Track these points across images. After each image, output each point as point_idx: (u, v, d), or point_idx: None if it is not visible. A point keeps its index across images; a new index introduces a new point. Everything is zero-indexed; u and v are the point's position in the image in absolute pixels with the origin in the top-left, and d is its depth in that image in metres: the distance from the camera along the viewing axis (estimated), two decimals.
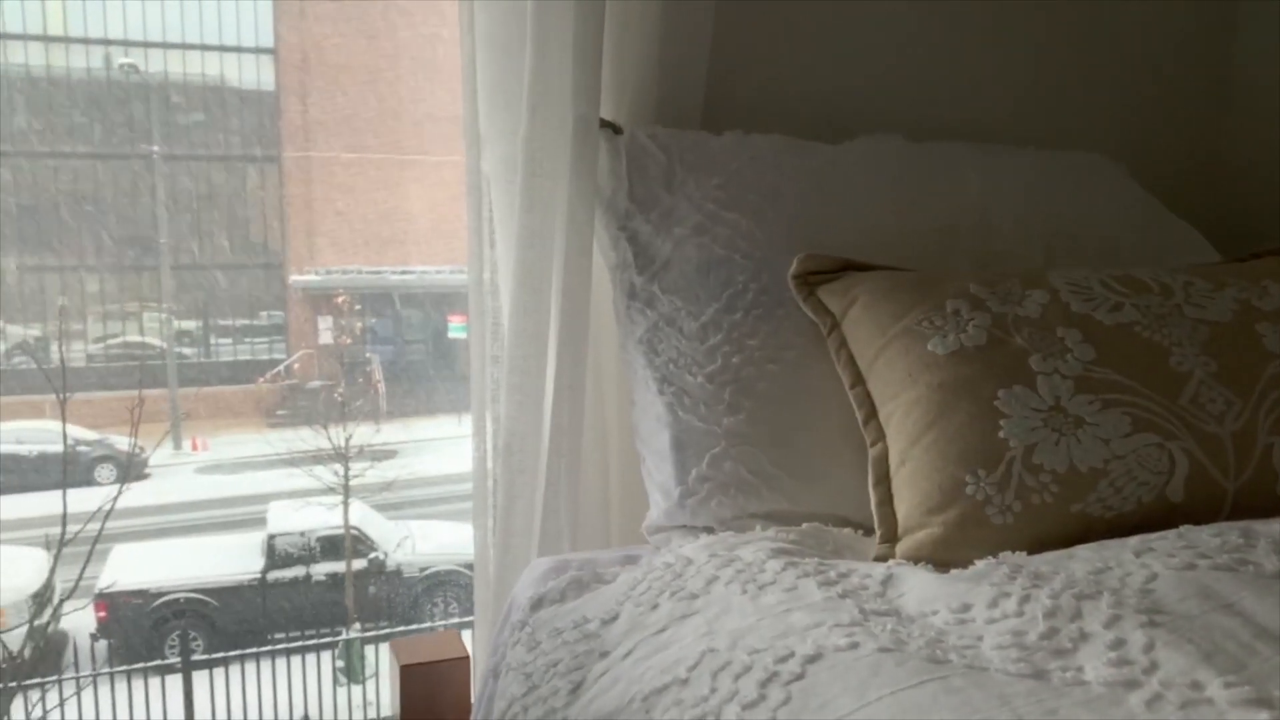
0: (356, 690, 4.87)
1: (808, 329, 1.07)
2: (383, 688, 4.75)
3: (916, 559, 0.87)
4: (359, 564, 5.57)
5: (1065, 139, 1.43)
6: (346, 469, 5.64)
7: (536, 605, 0.95)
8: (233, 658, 4.65)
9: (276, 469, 6.30)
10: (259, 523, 5.75)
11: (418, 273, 8.66)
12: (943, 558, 0.86)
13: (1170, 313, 0.98)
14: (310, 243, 8.62)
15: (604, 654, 0.81)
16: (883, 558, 0.91)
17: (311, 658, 4.68)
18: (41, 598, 4.22)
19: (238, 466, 7.21)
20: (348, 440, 5.73)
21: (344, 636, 5.09)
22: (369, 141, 8.82)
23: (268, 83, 8.55)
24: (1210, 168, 1.62)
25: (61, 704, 4.03)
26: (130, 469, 6.09)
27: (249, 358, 8.23)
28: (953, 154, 1.31)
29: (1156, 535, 0.79)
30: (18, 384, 6.75)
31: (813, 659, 0.67)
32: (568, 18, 1.13)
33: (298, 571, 5.52)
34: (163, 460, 6.87)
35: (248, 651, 4.69)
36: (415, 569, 5.64)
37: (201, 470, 7.29)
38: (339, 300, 8.11)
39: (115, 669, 4.57)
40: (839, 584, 0.79)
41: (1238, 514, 0.88)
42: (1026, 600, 0.70)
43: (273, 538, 5.59)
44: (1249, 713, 0.54)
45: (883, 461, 0.95)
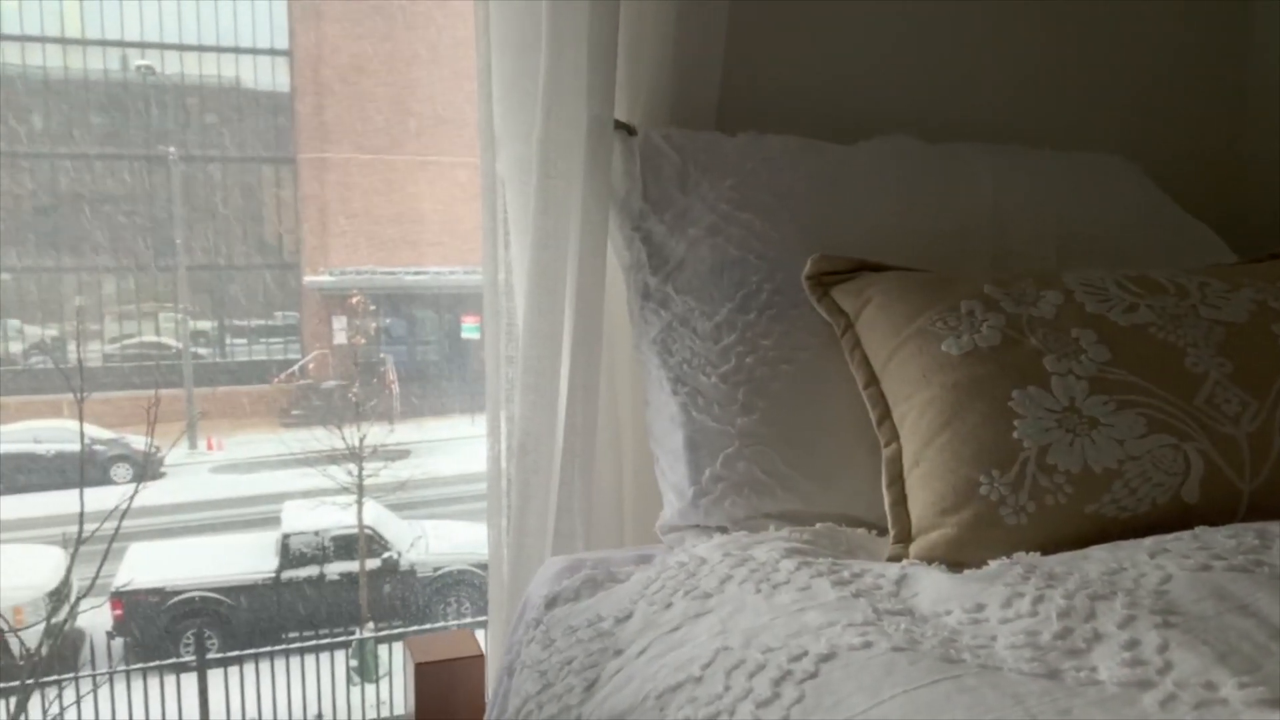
0: (370, 690, 4.88)
1: (821, 329, 1.08)
2: (396, 687, 4.77)
3: (930, 559, 0.87)
4: (373, 564, 5.58)
5: (1081, 139, 1.43)
6: (360, 469, 5.66)
7: (551, 604, 0.95)
8: (247, 656, 4.67)
9: (291, 469, 6.32)
10: (273, 522, 5.77)
11: (431, 273, 8.67)
12: (956, 558, 0.86)
13: (1186, 313, 0.97)
14: (325, 243, 8.65)
15: (618, 652, 0.81)
16: (896, 558, 0.91)
17: (325, 657, 4.69)
18: (59, 595, 4.25)
19: (252, 466, 7.24)
20: (362, 440, 5.74)
21: (358, 636, 5.10)
22: (383, 142, 8.84)
23: (283, 84, 8.58)
24: (1227, 168, 1.62)
25: (78, 701, 4.06)
26: (146, 468, 6.11)
27: (264, 358, 8.26)
28: (967, 154, 1.31)
29: (1171, 536, 0.79)
30: (36, 383, 6.80)
31: (826, 658, 0.67)
32: (583, 19, 1.14)
33: (312, 571, 5.53)
34: (178, 460, 6.90)
35: (262, 650, 4.71)
36: (429, 569, 5.65)
37: (217, 470, 7.32)
38: (353, 301, 8.13)
39: (131, 667, 4.59)
40: (853, 584, 0.79)
41: (1253, 515, 0.88)
42: (1040, 600, 0.70)
43: (287, 537, 5.60)
44: (1264, 713, 0.54)
45: (896, 462, 0.95)
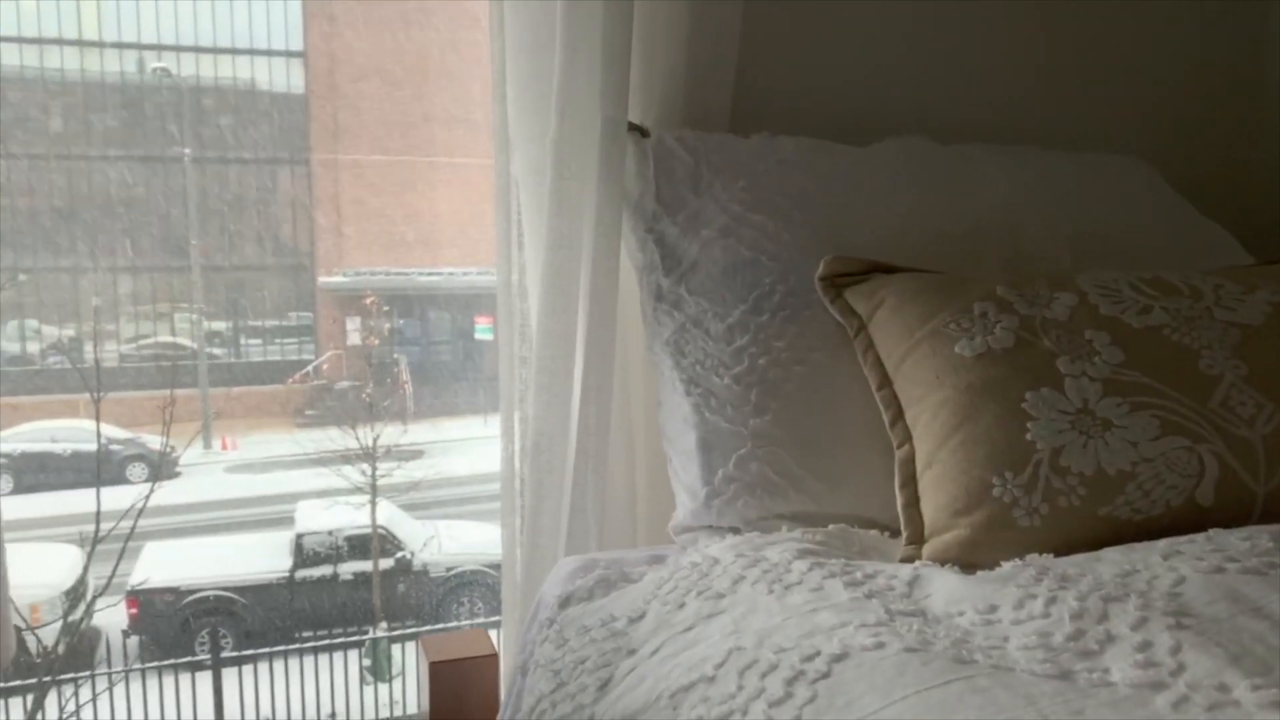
0: (383, 689, 4.90)
1: (834, 331, 1.08)
2: (409, 686, 4.78)
3: (943, 561, 0.87)
4: (386, 563, 5.59)
5: (1095, 140, 1.42)
6: (374, 469, 5.67)
7: (564, 603, 0.96)
8: (261, 655, 4.69)
9: (305, 468, 6.34)
10: (287, 522, 5.79)
11: (445, 274, 8.69)
12: (969, 559, 0.86)
13: (1200, 315, 0.97)
14: (339, 244, 8.67)
15: (631, 651, 0.82)
16: (909, 559, 0.91)
17: (339, 656, 4.71)
18: (75, 594, 4.28)
19: (267, 466, 7.27)
20: (375, 440, 5.76)
21: (371, 635, 5.12)
22: (397, 144, 8.86)
23: (297, 86, 8.61)
24: (1242, 169, 1.61)
25: (94, 699, 4.08)
26: (162, 468, 6.14)
27: (278, 358, 8.29)
28: (979, 155, 1.31)
29: (1185, 539, 0.79)
30: (53, 383, 6.85)
31: (839, 658, 0.67)
32: (596, 20, 1.14)
33: (325, 570, 5.55)
34: (193, 459, 6.92)
35: (276, 649, 4.73)
36: (442, 569, 5.66)
37: (231, 469, 7.35)
38: (367, 301, 8.15)
39: (146, 665, 4.62)
40: (865, 584, 0.79)
41: (1268, 518, 0.88)
42: (1053, 602, 0.70)
43: (301, 537, 5.62)
44: (1276, 715, 0.54)
45: (909, 463, 0.95)
